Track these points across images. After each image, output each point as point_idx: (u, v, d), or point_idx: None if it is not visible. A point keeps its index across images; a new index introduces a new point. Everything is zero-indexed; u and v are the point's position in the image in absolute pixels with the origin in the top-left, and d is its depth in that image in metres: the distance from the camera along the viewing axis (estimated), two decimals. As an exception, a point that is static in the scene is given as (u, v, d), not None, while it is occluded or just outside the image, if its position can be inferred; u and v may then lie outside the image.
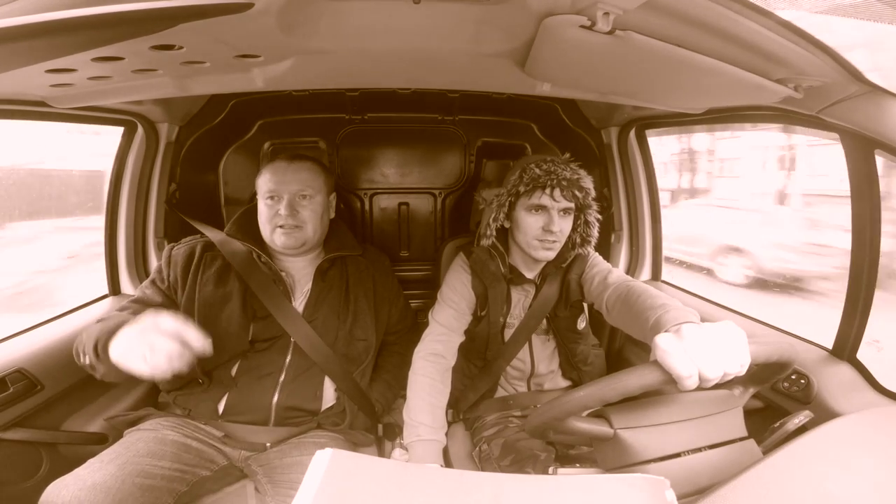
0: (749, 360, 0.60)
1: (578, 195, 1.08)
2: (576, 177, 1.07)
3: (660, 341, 0.61)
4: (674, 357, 0.59)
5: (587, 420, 0.70)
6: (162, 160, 1.42)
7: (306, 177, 1.13)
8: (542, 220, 1.08)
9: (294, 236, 1.12)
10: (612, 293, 0.98)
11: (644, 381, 0.61)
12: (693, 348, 0.59)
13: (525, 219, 1.09)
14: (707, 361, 0.58)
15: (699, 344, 0.59)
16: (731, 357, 0.59)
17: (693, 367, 0.58)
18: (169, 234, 1.50)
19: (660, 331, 0.69)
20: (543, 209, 1.08)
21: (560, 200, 1.06)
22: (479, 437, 1.17)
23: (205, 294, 1.09)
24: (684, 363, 0.58)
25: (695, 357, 0.59)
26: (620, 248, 1.62)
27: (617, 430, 0.68)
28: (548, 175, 1.06)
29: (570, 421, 0.68)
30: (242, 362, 1.08)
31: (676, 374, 0.59)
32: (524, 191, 1.08)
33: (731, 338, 0.61)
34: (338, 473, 0.49)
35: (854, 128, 0.81)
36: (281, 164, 1.14)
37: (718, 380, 0.59)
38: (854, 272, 0.94)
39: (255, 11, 0.56)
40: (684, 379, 0.59)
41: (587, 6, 0.57)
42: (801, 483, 0.55)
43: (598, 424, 0.69)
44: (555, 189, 1.05)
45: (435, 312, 1.21)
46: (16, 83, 0.78)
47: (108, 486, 0.79)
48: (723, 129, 6.93)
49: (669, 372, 0.60)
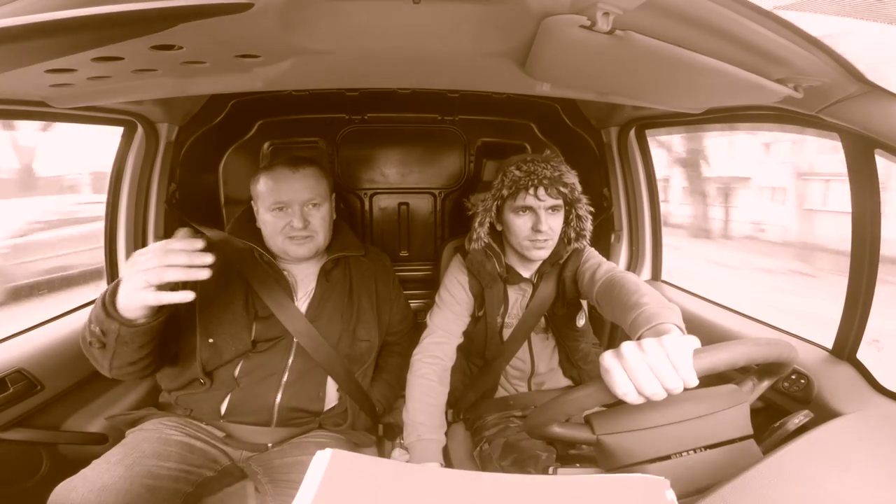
0: (693, 374, 0.60)
1: (564, 191, 1.07)
2: (557, 173, 1.06)
3: (602, 360, 0.63)
4: (611, 376, 0.61)
5: (570, 426, 0.71)
6: (162, 160, 1.42)
7: (313, 184, 1.11)
8: (531, 220, 1.08)
9: (307, 246, 1.11)
10: (599, 287, 0.99)
11: (596, 397, 0.64)
12: (630, 366, 0.60)
13: (513, 221, 1.09)
14: (642, 379, 0.59)
15: (635, 362, 0.60)
16: (668, 373, 0.59)
17: (629, 385, 0.60)
18: (169, 233, 1.49)
19: (634, 335, 0.72)
20: (530, 210, 1.08)
21: (545, 199, 1.06)
22: (480, 437, 1.18)
23: (207, 294, 1.08)
24: (622, 382, 0.60)
25: (632, 375, 0.60)
26: (620, 248, 1.62)
27: (599, 436, 0.69)
28: (528, 176, 1.05)
29: (554, 429, 0.70)
30: (245, 363, 1.08)
31: (615, 392, 0.61)
32: (508, 193, 1.08)
33: (673, 352, 0.60)
34: (338, 473, 0.49)
35: (854, 128, 0.81)
36: (284, 171, 1.10)
37: (661, 396, 0.60)
38: (854, 272, 0.94)
39: (255, 11, 0.56)
40: (622, 396, 0.60)
41: (587, 6, 0.57)
42: (801, 483, 0.55)
43: (581, 431, 0.70)
44: (538, 188, 1.05)
45: (433, 315, 1.21)
46: (16, 83, 0.78)
47: (118, 488, 0.79)
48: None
49: (611, 390, 0.61)
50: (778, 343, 0.67)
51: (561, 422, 0.70)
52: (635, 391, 0.60)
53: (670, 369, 0.59)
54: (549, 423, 0.69)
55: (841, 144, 0.91)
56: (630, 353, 0.61)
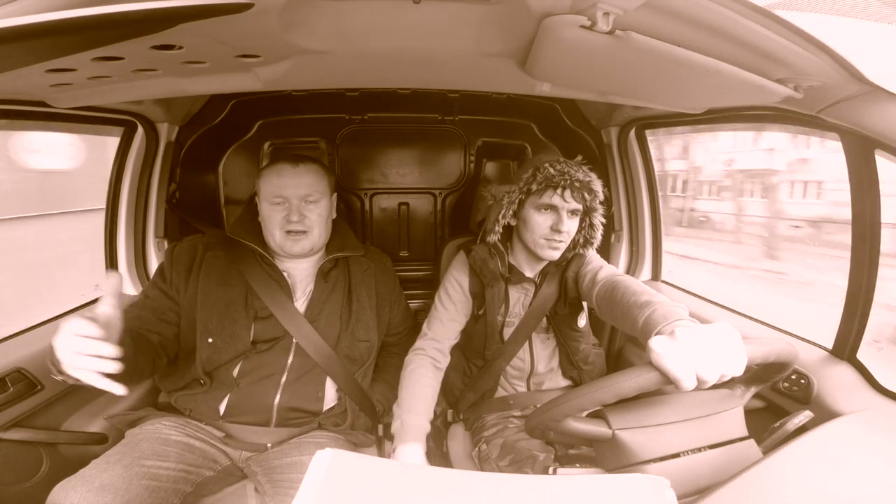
0: (746, 361, 0.60)
1: (587, 197, 1.09)
2: (588, 179, 1.08)
3: (654, 344, 0.62)
4: (670, 360, 0.60)
5: (585, 421, 0.70)
6: (162, 160, 1.42)
7: (312, 180, 1.12)
8: (551, 219, 1.08)
9: (301, 243, 1.11)
10: (599, 289, 0.99)
11: (640, 383, 0.62)
12: (689, 350, 0.59)
13: (534, 217, 1.10)
14: (703, 363, 0.59)
15: (694, 346, 0.60)
16: (728, 358, 0.59)
17: (690, 369, 0.59)
18: (169, 233, 1.50)
19: (651, 331, 0.69)
20: (553, 209, 1.08)
21: (570, 201, 1.07)
22: (479, 437, 1.17)
23: (207, 293, 1.08)
24: (681, 366, 0.59)
25: (691, 359, 0.59)
26: (620, 248, 1.62)
27: (615, 430, 0.68)
28: (561, 175, 1.06)
29: (569, 422, 0.68)
30: (244, 363, 1.08)
31: (673, 377, 0.59)
32: (536, 189, 1.08)
33: (727, 339, 0.61)
34: (338, 474, 0.49)
35: (854, 128, 0.81)
36: (285, 166, 1.12)
37: (716, 381, 0.59)
38: (854, 272, 0.93)
39: (255, 11, 0.56)
40: (681, 381, 0.59)
41: (587, 6, 0.57)
42: (801, 483, 0.56)
43: (597, 425, 0.69)
44: (566, 190, 1.06)
45: (429, 315, 1.22)
46: (16, 83, 0.78)
47: (116, 488, 0.79)
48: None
49: (666, 375, 0.60)
50: (794, 347, 0.69)
51: (579, 415, 0.69)
52: (694, 376, 0.59)
53: (728, 355, 0.59)
54: (574, 412, 0.67)
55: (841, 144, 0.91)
56: (687, 336, 0.60)
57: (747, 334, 1.13)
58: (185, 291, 1.09)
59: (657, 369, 0.61)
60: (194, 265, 1.12)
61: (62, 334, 0.70)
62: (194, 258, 1.12)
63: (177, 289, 1.10)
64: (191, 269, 1.11)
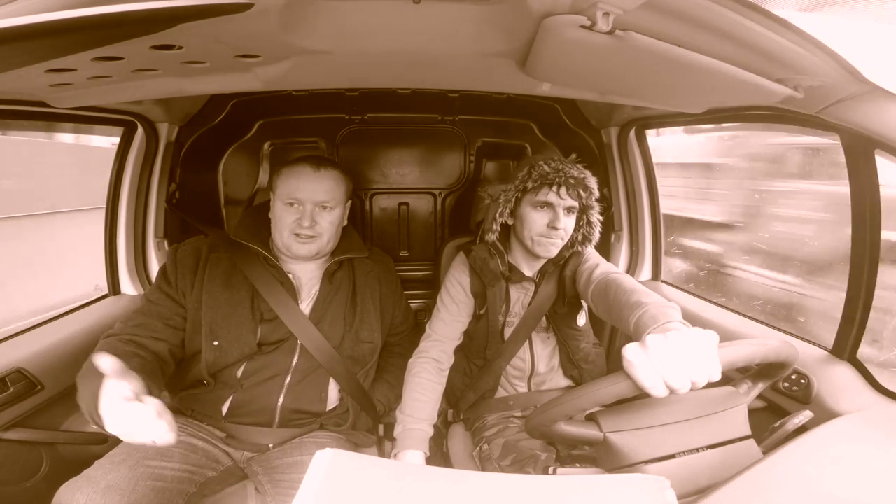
0: (718, 368, 0.60)
1: (583, 195, 1.10)
2: (582, 176, 1.09)
3: (626, 353, 0.63)
4: (638, 369, 0.60)
5: (577, 424, 0.71)
6: (162, 160, 1.42)
7: (330, 186, 1.11)
8: (548, 216, 1.09)
9: (308, 247, 1.10)
10: (594, 288, 1.00)
11: (615, 391, 0.64)
12: (657, 359, 0.60)
13: (530, 214, 1.11)
14: (671, 372, 0.59)
15: (663, 354, 0.60)
16: (697, 366, 0.59)
17: (657, 377, 0.59)
18: (169, 234, 1.50)
19: (642, 333, 0.70)
20: (549, 206, 1.09)
21: (565, 198, 1.08)
22: (480, 437, 1.18)
23: (212, 296, 1.07)
24: (649, 375, 0.60)
25: (659, 367, 0.59)
26: (620, 248, 1.62)
27: (606, 433, 0.68)
28: (556, 172, 1.07)
29: (560, 426, 0.69)
30: (249, 364, 1.07)
31: (641, 386, 0.60)
32: (532, 187, 1.09)
33: (699, 346, 0.60)
34: (338, 474, 0.49)
35: (854, 128, 0.81)
36: (306, 168, 1.10)
37: (686, 389, 0.59)
38: (854, 272, 0.93)
39: (255, 11, 0.56)
40: (650, 390, 0.60)
41: (587, 6, 0.57)
42: (801, 483, 0.56)
43: (588, 428, 0.70)
44: (561, 187, 1.07)
45: (432, 317, 1.22)
46: (16, 83, 0.78)
47: (122, 489, 0.79)
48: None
49: (636, 383, 0.61)
50: (789, 344, 0.68)
51: (568, 419, 0.69)
52: (663, 384, 0.59)
53: (698, 362, 0.59)
54: (558, 418, 0.68)
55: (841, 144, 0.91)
56: (657, 345, 0.60)
57: (745, 334, 1.14)
58: (191, 294, 1.08)
59: (629, 377, 0.62)
60: (199, 267, 1.10)
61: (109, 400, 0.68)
62: (198, 260, 1.11)
63: (182, 292, 1.08)
64: (195, 271, 1.10)
